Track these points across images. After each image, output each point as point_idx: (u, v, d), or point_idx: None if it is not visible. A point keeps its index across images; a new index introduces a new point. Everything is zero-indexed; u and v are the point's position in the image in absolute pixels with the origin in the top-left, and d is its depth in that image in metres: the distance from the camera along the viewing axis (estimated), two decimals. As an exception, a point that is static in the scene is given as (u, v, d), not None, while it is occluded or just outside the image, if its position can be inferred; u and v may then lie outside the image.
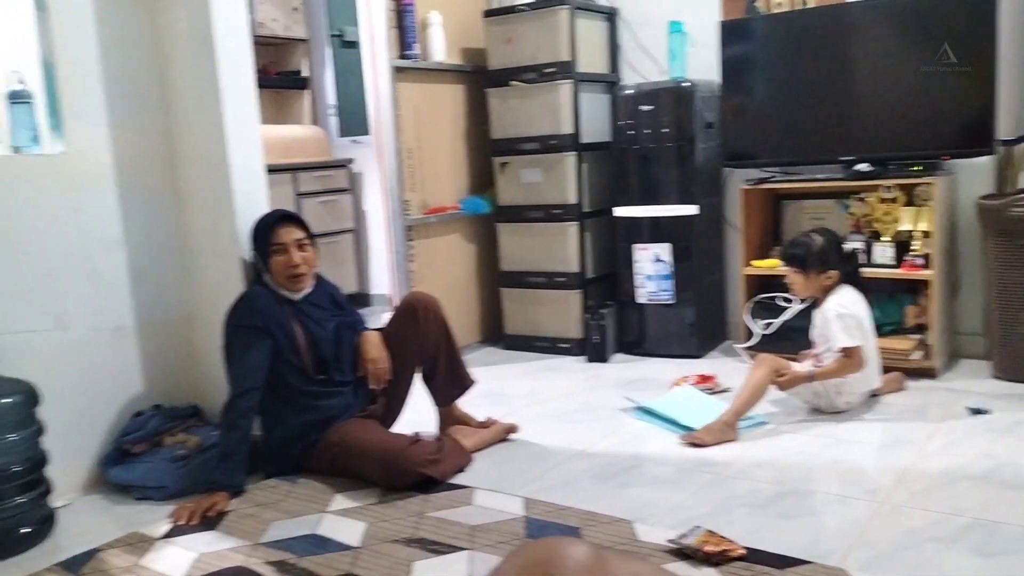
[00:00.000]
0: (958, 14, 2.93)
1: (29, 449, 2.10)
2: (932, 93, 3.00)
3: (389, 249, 3.63)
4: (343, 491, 2.27)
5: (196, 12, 2.50)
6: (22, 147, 2.38)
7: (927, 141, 3.06)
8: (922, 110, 3.04)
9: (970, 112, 2.96)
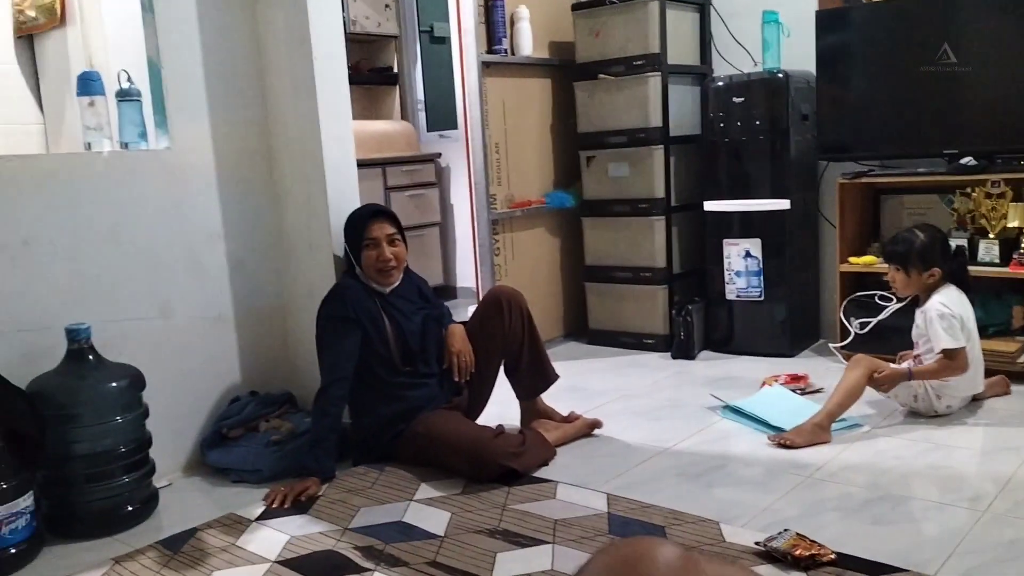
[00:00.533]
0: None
1: (135, 431, 2.21)
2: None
3: (475, 243, 3.66)
4: (428, 480, 2.31)
5: (293, 12, 2.57)
6: (130, 143, 2.50)
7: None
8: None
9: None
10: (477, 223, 3.62)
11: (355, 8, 4.61)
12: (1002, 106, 2.96)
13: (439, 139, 4.96)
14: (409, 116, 5.03)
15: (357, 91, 4.27)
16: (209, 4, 2.58)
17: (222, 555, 1.94)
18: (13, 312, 2.20)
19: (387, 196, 4.45)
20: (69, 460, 2.10)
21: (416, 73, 5.03)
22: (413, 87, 5.04)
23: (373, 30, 4.77)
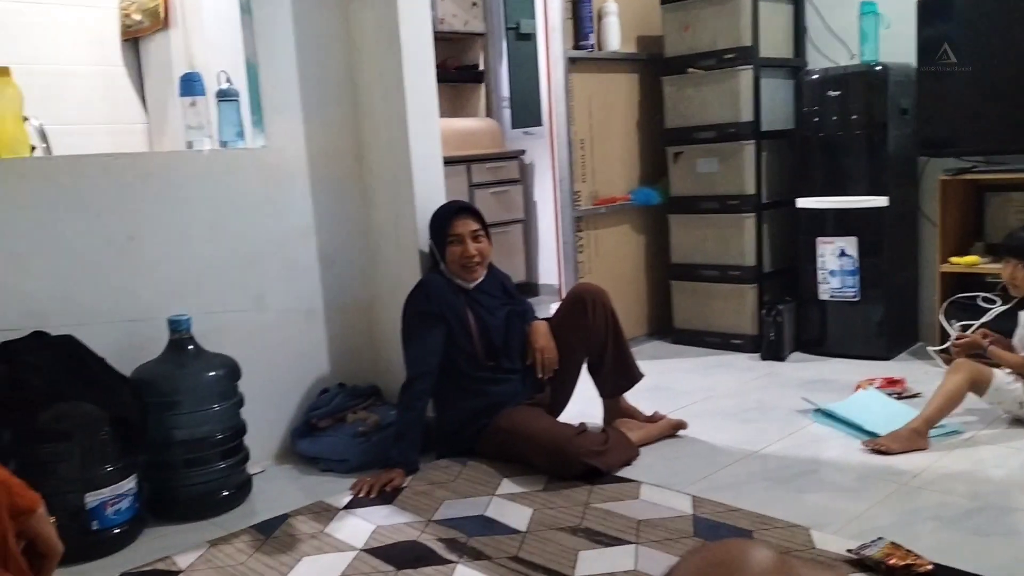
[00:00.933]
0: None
1: (230, 419, 2.29)
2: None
3: (558, 239, 3.66)
4: (510, 476, 2.32)
5: (384, 12, 2.61)
6: (228, 142, 2.59)
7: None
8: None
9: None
10: (561, 220, 3.62)
11: (443, 7, 4.66)
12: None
13: (523, 136, 4.97)
14: (494, 113, 5.05)
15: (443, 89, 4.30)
16: (304, 6, 2.65)
17: (311, 541, 2.00)
18: (120, 303, 2.31)
19: (471, 193, 4.49)
20: (169, 445, 2.19)
21: (502, 70, 5.05)
22: (498, 84, 5.07)
23: (460, 28, 4.81)
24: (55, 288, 2.20)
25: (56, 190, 2.21)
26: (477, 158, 4.54)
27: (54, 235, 2.20)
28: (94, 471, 2.00)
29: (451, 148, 4.04)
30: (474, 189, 4.51)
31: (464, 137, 4.55)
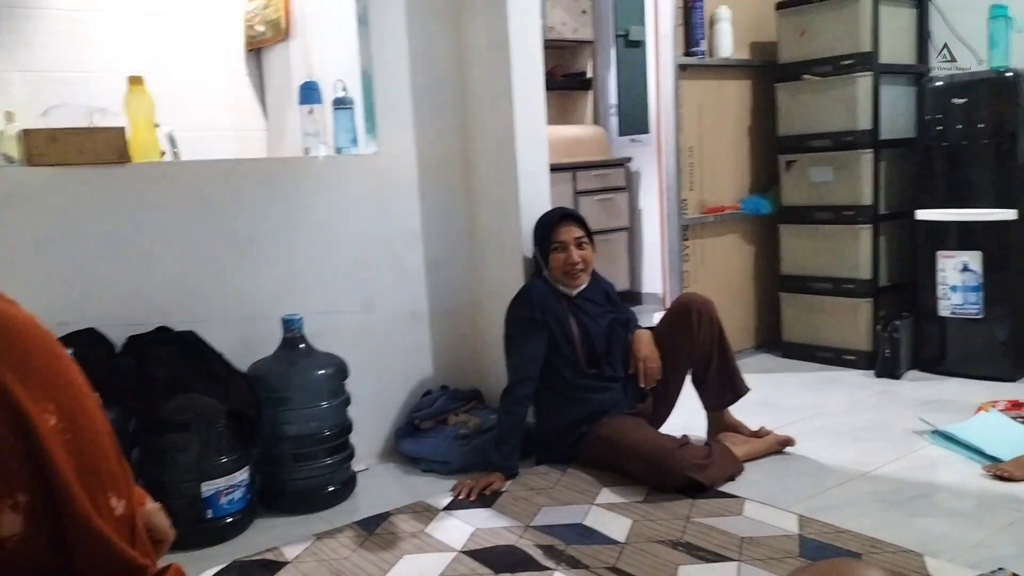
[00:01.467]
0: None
1: (338, 417, 2.36)
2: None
3: (663, 248, 3.61)
4: (610, 485, 2.30)
5: (494, 21, 2.65)
6: (343, 148, 2.67)
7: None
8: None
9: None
10: (667, 228, 3.57)
11: (553, 15, 4.67)
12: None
13: (630, 143, 4.94)
14: (601, 121, 5.04)
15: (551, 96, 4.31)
16: (417, 16, 2.72)
17: (412, 540, 2.03)
18: (238, 302, 2.41)
19: (576, 200, 4.48)
20: (280, 440, 2.28)
21: (609, 77, 5.03)
22: (606, 92, 5.05)
23: (569, 36, 4.82)
24: (179, 286, 2.33)
25: (183, 193, 2.33)
26: (583, 165, 4.53)
27: (180, 236, 2.32)
28: (210, 462, 2.09)
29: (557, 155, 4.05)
30: (579, 196, 4.50)
31: (570, 144, 4.55)
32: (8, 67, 3.32)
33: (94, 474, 0.73)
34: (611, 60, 5.00)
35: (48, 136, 2.13)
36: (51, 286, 2.12)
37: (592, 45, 4.99)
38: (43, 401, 0.70)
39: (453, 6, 2.79)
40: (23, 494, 0.69)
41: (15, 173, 2.12)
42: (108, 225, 2.22)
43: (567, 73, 5.03)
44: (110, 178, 2.21)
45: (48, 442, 0.70)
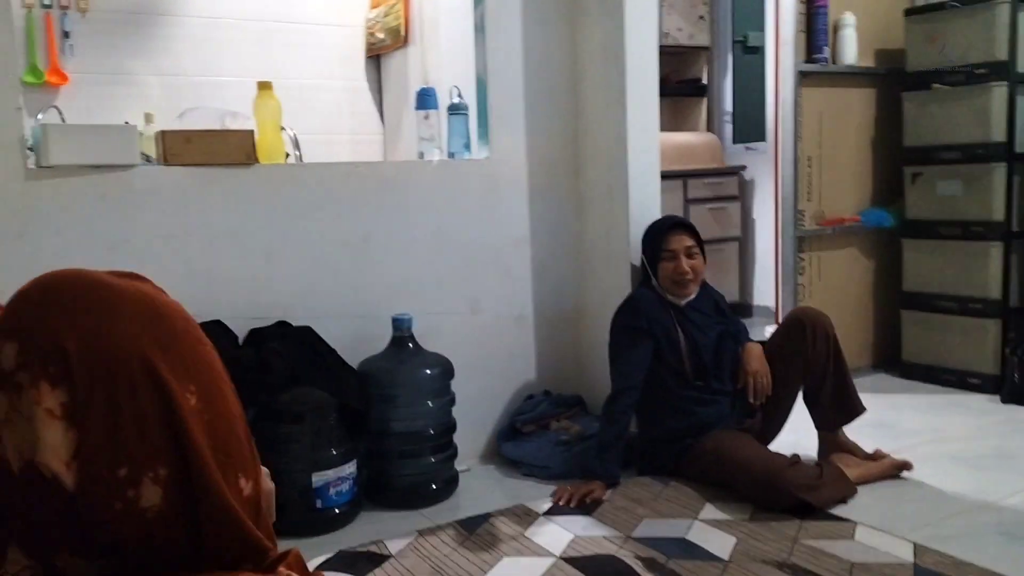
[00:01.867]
0: None
1: (442, 416, 2.40)
2: None
3: (777, 260, 3.51)
4: (714, 501, 2.25)
5: (611, 27, 2.64)
6: (456, 153, 2.72)
7: None
8: None
9: None
10: (782, 240, 3.47)
11: (669, 21, 4.63)
12: None
13: (745, 151, 4.83)
14: (715, 128, 4.95)
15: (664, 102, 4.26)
16: (533, 23, 2.74)
17: (511, 543, 2.05)
18: (352, 300, 2.49)
19: (687, 208, 4.42)
20: (387, 436, 2.33)
21: (725, 84, 4.94)
22: (721, 98, 4.96)
23: (685, 42, 4.76)
24: (298, 283, 2.42)
25: (305, 194, 2.43)
26: (695, 173, 4.46)
27: (300, 235, 2.42)
28: (321, 453, 2.16)
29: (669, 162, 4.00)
30: (690, 204, 4.44)
31: (683, 151, 4.49)
32: (148, 71, 3.54)
33: (227, 454, 0.78)
34: (728, 66, 4.91)
35: (183, 137, 2.26)
36: (181, 279, 2.24)
37: (708, 51, 4.91)
38: (185, 381, 0.75)
39: (569, 13, 2.80)
40: (163, 467, 0.74)
41: (152, 172, 2.25)
42: (235, 223, 2.33)
43: (681, 79, 4.97)
44: (238, 178, 2.32)
45: (189, 420, 0.74)
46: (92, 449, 0.71)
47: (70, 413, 0.71)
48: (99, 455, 0.71)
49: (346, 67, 3.97)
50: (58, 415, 0.71)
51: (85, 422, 0.71)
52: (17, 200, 2.06)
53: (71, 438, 0.71)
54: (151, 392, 0.72)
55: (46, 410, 0.71)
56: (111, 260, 2.10)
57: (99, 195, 2.15)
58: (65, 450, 0.71)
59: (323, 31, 3.90)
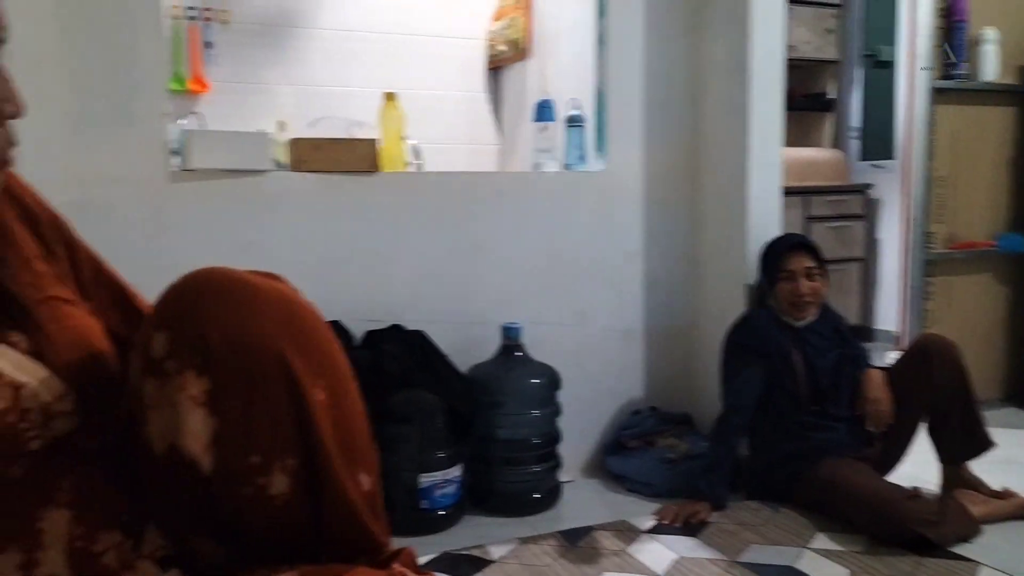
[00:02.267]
0: None
1: (547, 426, 2.41)
2: None
3: (903, 284, 3.36)
4: (826, 530, 2.17)
5: (735, 40, 2.60)
6: (571, 165, 2.74)
7: None
8: None
9: None
10: (909, 262, 3.32)
11: (796, 33, 4.51)
12: None
13: (871, 169, 4.64)
14: (841, 144, 4.78)
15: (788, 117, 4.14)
16: (656, 36, 2.73)
17: (613, 558, 2.03)
18: (463, 306, 2.54)
19: (808, 226, 4.28)
20: (492, 442, 2.36)
21: (853, 99, 4.77)
22: (848, 114, 4.79)
23: (811, 55, 4.63)
24: (413, 287, 2.48)
25: (423, 201, 2.49)
26: (818, 190, 4.32)
27: (417, 241, 2.48)
28: (428, 455, 2.21)
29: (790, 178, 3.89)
30: (811, 222, 4.30)
31: (805, 167, 4.36)
32: (283, 80, 3.72)
33: (350, 450, 0.81)
34: (856, 81, 4.74)
35: (313, 145, 2.36)
36: (305, 280, 2.30)
37: (836, 65, 4.75)
38: (316, 377, 0.79)
39: (693, 25, 2.77)
40: (292, 458, 0.78)
41: (283, 177, 2.36)
42: (356, 228, 2.42)
43: (807, 94, 4.83)
44: (362, 186, 2.41)
45: (317, 414, 0.78)
46: (228, 436, 0.76)
47: (211, 401, 0.75)
48: (234, 442, 0.76)
49: (467, 79, 4.06)
50: (200, 402, 0.75)
51: (224, 410, 0.75)
52: (161, 200, 2.20)
53: (210, 425, 0.76)
54: (284, 385, 0.76)
55: (190, 397, 0.75)
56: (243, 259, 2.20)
57: (234, 198, 2.27)
58: (205, 436, 0.76)
59: (446, 43, 4.00)
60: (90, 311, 0.89)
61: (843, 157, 4.62)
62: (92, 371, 0.82)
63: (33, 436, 0.75)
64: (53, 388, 0.77)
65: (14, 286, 0.81)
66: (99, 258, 0.97)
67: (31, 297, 0.81)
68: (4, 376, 0.74)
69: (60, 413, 0.78)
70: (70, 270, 0.91)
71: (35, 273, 0.84)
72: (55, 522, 0.76)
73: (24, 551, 0.74)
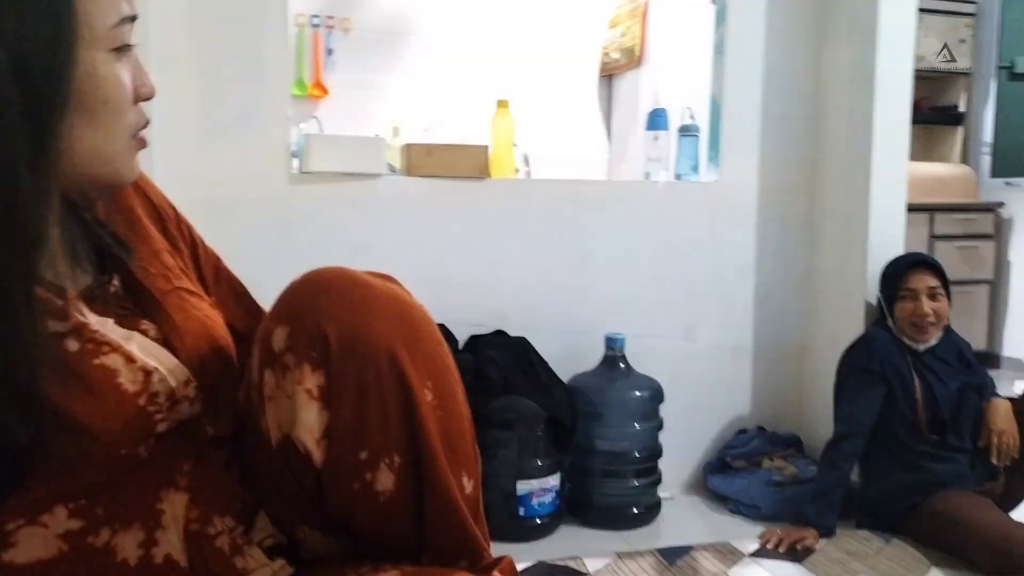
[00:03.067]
0: None
1: (649, 440, 2.37)
2: None
3: (1037, 309, 3.15)
4: (941, 566, 2.05)
5: (861, 50, 2.50)
6: (683, 175, 2.69)
7: None
8: None
9: None
10: (1044, 287, 3.11)
11: (926, 44, 4.31)
12: None
13: (1004, 187, 4.38)
14: (971, 159, 4.53)
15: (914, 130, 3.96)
16: (776, 45, 2.65)
17: (713, 580, 1.98)
18: (567, 315, 2.53)
19: (931, 245, 4.08)
20: (591, 454, 2.34)
21: (986, 112, 4.51)
22: (980, 128, 4.54)
23: (942, 66, 4.41)
24: (518, 294, 2.49)
25: (531, 208, 2.50)
26: (944, 207, 4.11)
27: (524, 248, 2.49)
28: (527, 462, 2.21)
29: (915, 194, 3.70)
30: (935, 241, 4.09)
31: (932, 183, 4.15)
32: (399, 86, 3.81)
33: (455, 452, 0.81)
34: (990, 93, 4.48)
35: (425, 150, 2.41)
36: (414, 282, 2.34)
37: (968, 77, 4.51)
38: (424, 378, 0.79)
39: (815, 35, 2.68)
40: (399, 456, 0.78)
41: (396, 181, 2.41)
42: (465, 233, 2.44)
43: (935, 106, 4.60)
44: (471, 191, 2.43)
45: (425, 414, 0.78)
46: (340, 430, 0.77)
47: (325, 395, 0.77)
48: (345, 437, 0.77)
49: (579, 86, 4.06)
50: (315, 396, 0.77)
51: (337, 405, 0.77)
52: (282, 201, 2.28)
53: (324, 418, 0.77)
54: (395, 384, 0.77)
55: (306, 390, 0.77)
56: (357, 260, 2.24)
57: (350, 200, 2.33)
58: (318, 429, 0.78)
59: (559, 51, 4.00)
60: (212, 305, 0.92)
61: (973, 173, 4.38)
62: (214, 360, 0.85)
63: (160, 419, 0.79)
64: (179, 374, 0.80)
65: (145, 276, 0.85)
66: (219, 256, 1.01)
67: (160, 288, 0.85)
68: (136, 361, 0.77)
69: (185, 398, 0.81)
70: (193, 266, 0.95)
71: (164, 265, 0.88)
72: (174, 504, 0.79)
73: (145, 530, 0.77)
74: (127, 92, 0.76)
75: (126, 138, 0.78)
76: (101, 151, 0.75)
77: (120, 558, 0.76)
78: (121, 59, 0.76)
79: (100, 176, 0.77)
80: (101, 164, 0.76)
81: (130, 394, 0.76)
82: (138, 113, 0.79)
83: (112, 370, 0.75)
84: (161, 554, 0.78)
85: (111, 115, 0.75)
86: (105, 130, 0.75)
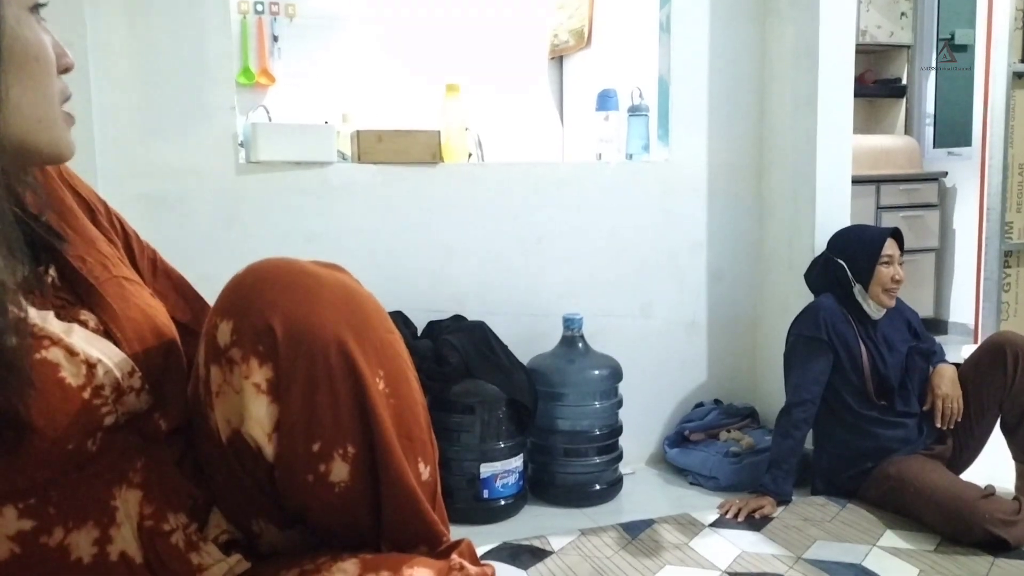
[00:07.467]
0: None
1: (609, 418, 2.40)
2: None
3: (979, 275, 3.25)
4: (895, 528, 2.12)
5: (804, 25, 2.54)
6: (634, 155, 2.71)
7: None
8: None
9: None
10: (985, 253, 3.21)
11: (867, 18, 4.38)
12: None
13: (946, 157, 4.48)
14: (914, 131, 4.63)
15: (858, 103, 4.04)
16: (721, 23, 2.68)
17: (675, 551, 2.02)
18: (523, 298, 2.54)
19: (878, 216, 4.17)
20: (552, 433, 2.36)
21: (928, 85, 4.60)
22: (922, 100, 4.63)
23: (884, 40, 4.49)
24: (474, 278, 2.50)
25: (484, 192, 2.50)
26: (889, 178, 4.20)
27: (479, 232, 2.49)
28: (490, 445, 2.22)
29: (860, 167, 3.79)
30: (881, 212, 4.18)
31: (876, 155, 4.24)
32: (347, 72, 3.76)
33: (409, 439, 0.82)
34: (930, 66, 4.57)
35: (376, 137, 2.39)
36: (368, 270, 2.32)
37: (909, 49, 4.60)
38: (375, 367, 0.79)
39: (759, 11, 2.71)
40: (352, 446, 0.79)
41: (347, 169, 2.39)
42: (419, 219, 2.43)
43: (878, 79, 4.69)
44: (424, 176, 2.42)
45: (377, 402, 0.78)
46: (291, 423, 0.77)
47: (274, 388, 0.77)
48: (296, 429, 0.77)
49: (529, 69, 4.05)
50: (264, 390, 0.77)
51: (286, 398, 0.77)
52: (229, 192, 2.25)
53: (273, 412, 0.77)
54: (345, 374, 0.77)
55: (254, 384, 0.77)
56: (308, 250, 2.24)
57: (300, 189, 2.31)
58: (268, 422, 0.77)
59: (508, 34, 3.99)
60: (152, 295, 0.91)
61: (916, 144, 4.48)
62: (158, 349, 0.84)
63: (107, 412, 0.78)
64: (124, 365, 0.79)
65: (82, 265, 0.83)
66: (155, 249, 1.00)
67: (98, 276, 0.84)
68: (79, 354, 0.76)
69: (131, 389, 0.80)
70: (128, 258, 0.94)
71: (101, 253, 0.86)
72: (127, 501, 0.79)
73: (99, 527, 0.77)
74: (51, 54, 0.76)
75: (58, 104, 0.77)
76: (40, 113, 0.74)
77: (74, 557, 0.75)
78: (39, 21, 0.75)
79: (41, 144, 0.75)
80: (41, 129, 0.75)
81: (74, 388, 0.75)
82: (62, 83, 0.78)
83: (54, 364, 0.74)
84: (116, 552, 0.77)
85: (43, 74, 0.74)
86: (41, 91, 0.74)
